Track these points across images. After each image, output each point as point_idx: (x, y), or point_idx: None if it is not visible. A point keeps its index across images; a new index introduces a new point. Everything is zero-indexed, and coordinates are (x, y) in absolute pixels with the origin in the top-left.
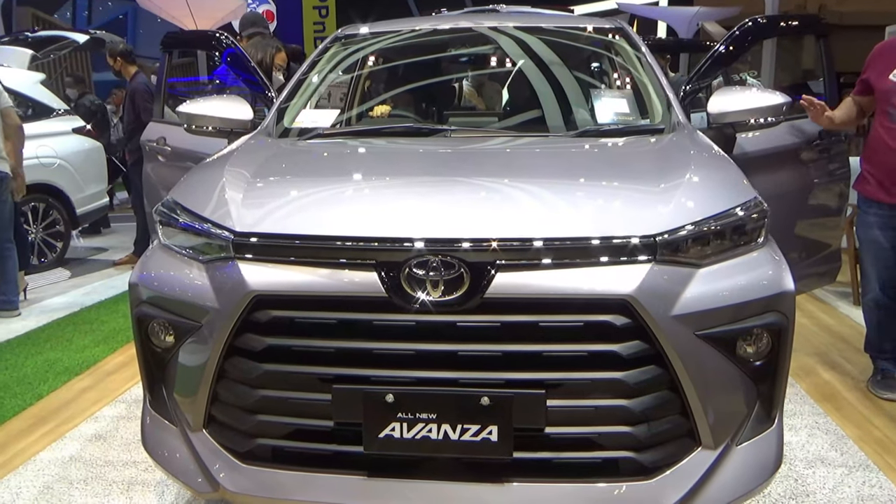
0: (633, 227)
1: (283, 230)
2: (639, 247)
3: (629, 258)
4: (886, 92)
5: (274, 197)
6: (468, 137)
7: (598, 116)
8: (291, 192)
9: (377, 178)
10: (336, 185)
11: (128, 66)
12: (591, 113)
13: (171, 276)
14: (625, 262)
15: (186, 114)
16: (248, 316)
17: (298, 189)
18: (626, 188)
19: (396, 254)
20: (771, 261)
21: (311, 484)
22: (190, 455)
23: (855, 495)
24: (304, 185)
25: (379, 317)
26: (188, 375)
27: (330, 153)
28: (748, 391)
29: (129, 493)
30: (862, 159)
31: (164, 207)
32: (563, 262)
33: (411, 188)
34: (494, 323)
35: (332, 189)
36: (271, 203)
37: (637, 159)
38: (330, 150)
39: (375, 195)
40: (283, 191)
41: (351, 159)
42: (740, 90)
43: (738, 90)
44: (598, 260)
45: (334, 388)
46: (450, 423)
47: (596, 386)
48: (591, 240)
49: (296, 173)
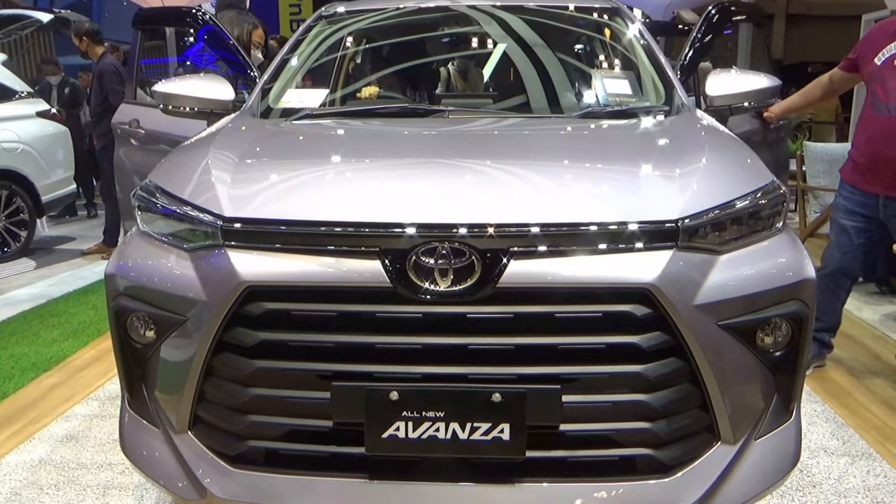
0: (653, 211)
1: (277, 215)
2: (661, 232)
3: (650, 244)
4: (870, 75)
5: (266, 179)
6: (469, 118)
7: (602, 97)
8: (285, 174)
9: (379, 159)
10: (335, 167)
11: (94, 46)
12: (595, 94)
13: (152, 266)
14: (646, 248)
15: (162, 93)
16: (238, 309)
17: (293, 171)
18: (643, 171)
19: (402, 240)
20: (791, 247)
21: (308, 488)
22: (174, 459)
23: (861, 485)
24: (299, 167)
25: (382, 308)
26: (171, 373)
27: (324, 133)
28: (767, 383)
29: (105, 498)
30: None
31: (143, 192)
32: (581, 249)
33: (417, 170)
34: (507, 314)
35: (331, 171)
36: (263, 186)
37: (649, 141)
38: (324, 130)
39: (378, 178)
40: (277, 173)
41: (348, 140)
42: (736, 73)
43: (735, 73)
44: (618, 246)
45: (334, 385)
46: (458, 421)
47: (614, 380)
48: (611, 225)
49: (289, 155)
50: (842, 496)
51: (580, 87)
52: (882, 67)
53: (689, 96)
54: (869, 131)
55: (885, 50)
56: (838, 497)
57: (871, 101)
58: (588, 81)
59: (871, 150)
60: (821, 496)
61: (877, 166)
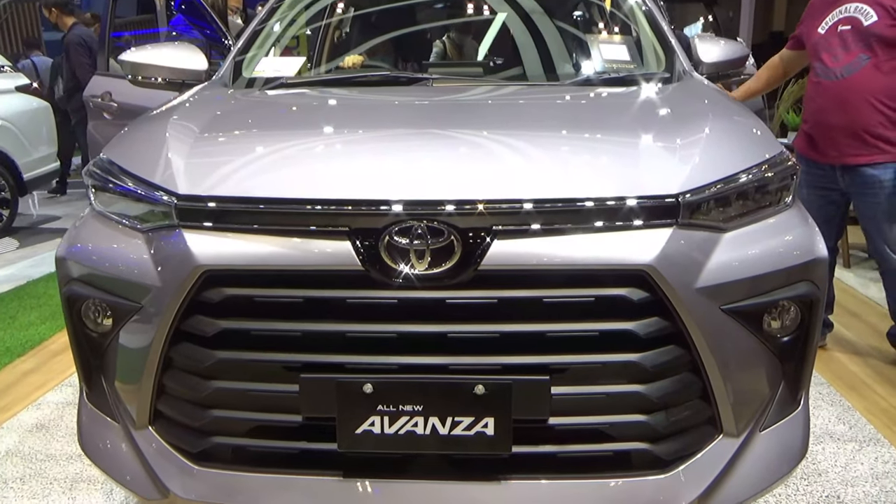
0: (651, 185)
1: (237, 192)
2: (660, 208)
3: (648, 222)
4: (815, 45)
5: (226, 154)
6: (453, 87)
7: (598, 64)
8: (248, 148)
9: (350, 131)
10: (301, 140)
11: (64, 17)
12: (592, 61)
13: (106, 249)
14: (643, 226)
15: (130, 63)
16: (196, 295)
17: (256, 145)
18: (640, 142)
19: (374, 219)
20: (801, 223)
21: (278, 487)
22: (134, 456)
23: (869, 472)
24: (263, 141)
25: (353, 294)
26: (129, 365)
27: (295, 104)
28: (774, 371)
29: (72, 493)
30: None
31: (96, 168)
32: (571, 228)
33: (391, 143)
34: (490, 299)
35: (297, 144)
36: (223, 161)
37: (647, 110)
38: (295, 100)
39: (348, 151)
40: (238, 147)
41: (319, 111)
42: (724, 41)
43: (722, 40)
44: (612, 224)
45: (302, 377)
46: (438, 415)
47: (608, 370)
48: (604, 201)
49: (253, 127)
50: (849, 485)
51: (576, 53)
52: (826, 35)
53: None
54: (819, 100)
55: (827, 18)
56: (845, 486)
57: (819, 70)
58: (585, 48)
59: (822, 118)
60: (826, 485)
61: (829, 134)
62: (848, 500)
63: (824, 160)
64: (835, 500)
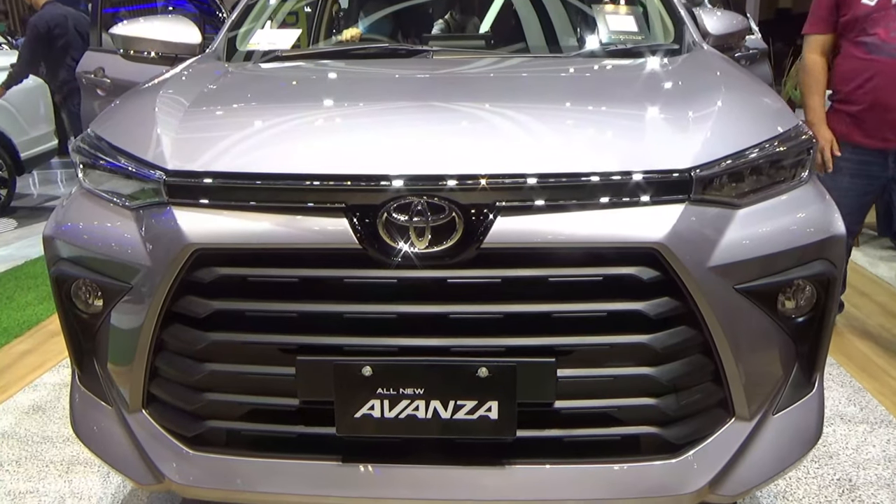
0: (662, 159)
1: (229, 168)
2: (671, 183)
3: (659, 198)
4: (860, 18)
5: (219, 129)
6: (454, 60)
7: (604, 35)
8: (240, 122)
9: (348, 104)
10: (296, 114)
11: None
12: (597, 32)
13: (95, 228)
14: (653, 202)
15: (121, 36)
16: (188, 275)
17: (249, 119)
18: (650, 115)
19: (372, 195)
20: (818, 199)
21: (274, 472)
22: (128, 440)
23: (881, 455)
24: (257, 114)
25: (351, 273)
26: (121, 346)
27: (290, 77)
28: (788, 352)
29: (68, 476)
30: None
31: (84, 144)
32: (579, 204)
33: (390, 116)
34: (494, 279)
35: (292, 118)
36: (215, 136)
37: (657, 82)
38: (290, 73)
39: (345, 125)
40: (231, 121)
41: (316, 84)
42: (724, 12)
43: (723, 12)
44: (621, 200)
45: (298, 360)
46: (440, 399)
47: (615, 352)
48: (614, 175)
49: (247, 100)
50: (860, 467)
51: (581, 25)
52: (879, 6)
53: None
54: (874, 79)
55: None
56: (857, 468)
57: (870, 46)
58: (590, 19)
59: (879, 99)
60: (838, 468)
61: (887, 117)
62: (860, 483)
63: (878, 145)
64: (846, 483)
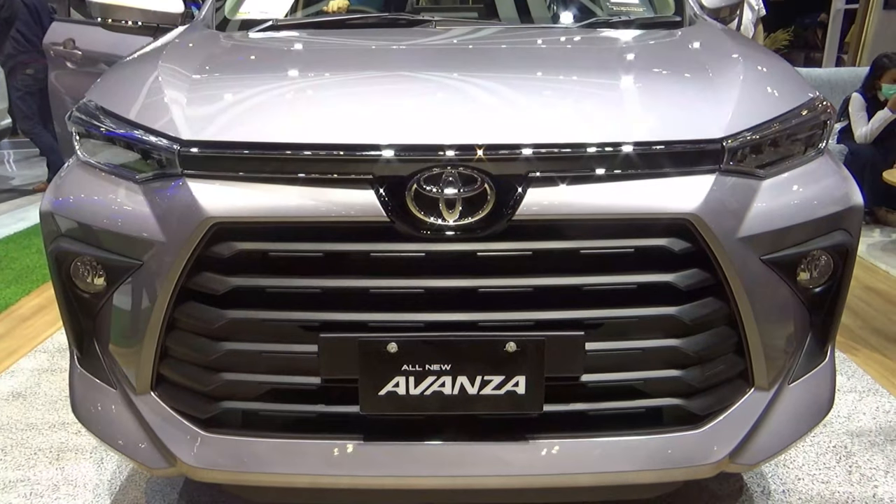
0: (694, 128)
1: (248, 137)
2: (703, 153)
3: (691, 168)
4: None
5: (231, 96)
6: (461, 29)
7: (605, 5)
8: (256, 90)
9: (368, 72)
10: (316, 81)
11: None
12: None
13: (98, 202)
14: (685, 172)
15: (100, 4)
16: (204, 250)
17: (265, 86)
18: (673, 85)
19: (401, 165)
20: (836, 170)
21: (293, 453)
22: (135, 422)
23: (872, 422)
24: (273, 82)
25: (377, 247)
26: (127, 327)
27: (297, 45)
28: (804, 322)
29: (60, 462)
30: None
31: (81, 113)
32: (611, 175)
33: (415, 84)
34: (525, 251)
35: (312, 85)
36: (228, 103)
37: (672, 53)
38: (296, 41)
39: (369, 92)
40: (245, 89)
41: (328, 52)
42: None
43: None
44: (654, 171)
45: (321, 337)
46: (467, 374)
47: (644, 324)
48: (646, 146)
49: (257, 69)
50: (855, 436)
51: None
52: None
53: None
54: None
55: None
56: (852, 437)
57: None
58: None
59: None
60: (833, 436)
61: None
62: (855, 449)
63: None
64: (842, 450)
